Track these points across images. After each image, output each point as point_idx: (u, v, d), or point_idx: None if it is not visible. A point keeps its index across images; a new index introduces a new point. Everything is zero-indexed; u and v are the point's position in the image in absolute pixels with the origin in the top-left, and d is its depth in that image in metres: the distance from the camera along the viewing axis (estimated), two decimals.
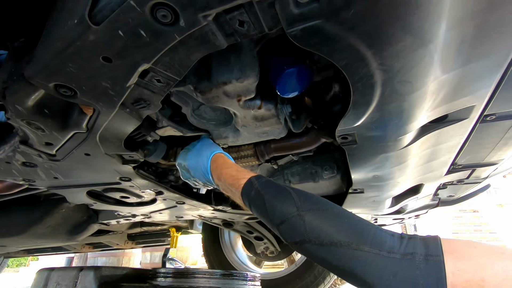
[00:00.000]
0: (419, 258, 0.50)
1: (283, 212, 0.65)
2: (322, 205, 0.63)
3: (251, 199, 0.72)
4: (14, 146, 0.82)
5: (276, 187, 0.71)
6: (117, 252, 5.04)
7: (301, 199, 0.65)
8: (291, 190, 0.68)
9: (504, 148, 0.95)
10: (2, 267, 3.40)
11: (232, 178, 0.79)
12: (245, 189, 0.74)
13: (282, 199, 0.66)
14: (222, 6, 0.45)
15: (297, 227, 0.61)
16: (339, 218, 0.60)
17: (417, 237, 0.55)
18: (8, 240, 1.72)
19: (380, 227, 0.59)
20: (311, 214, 0.61)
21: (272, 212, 0.67)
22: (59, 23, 0.53)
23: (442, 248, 0.50)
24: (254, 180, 0.74)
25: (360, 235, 0.56)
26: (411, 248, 0.52)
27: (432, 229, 7.50)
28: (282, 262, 3.33)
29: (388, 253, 0.52)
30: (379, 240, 0.54)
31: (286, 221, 0.63)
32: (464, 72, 0.58)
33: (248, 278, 1.55)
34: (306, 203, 0.64)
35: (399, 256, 0.51)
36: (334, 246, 0.56)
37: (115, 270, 1.42)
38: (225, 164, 0.85)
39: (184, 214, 1.64)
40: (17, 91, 0.65)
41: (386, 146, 0.78)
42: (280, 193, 0.68)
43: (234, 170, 0.82)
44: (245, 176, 0.76)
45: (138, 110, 0.72)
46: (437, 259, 0.49)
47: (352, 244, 0.55)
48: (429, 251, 0.50)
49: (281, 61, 0.71)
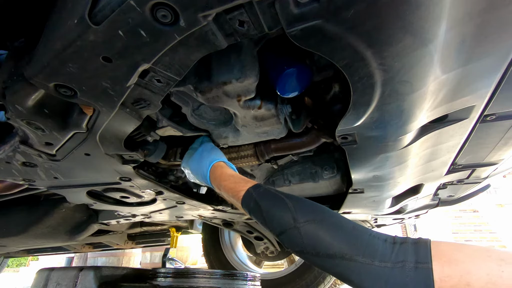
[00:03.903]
0: (409, 265, 0.53)
1: (280, 223, 0.68)
2: (318, 215, 0.66)
3: (251, 210, 0.75)
4: (14, 146, 0.82)
5: (272, 198, 0.73)
6: (117, 252, 5.04)
7: (297, 209, 0.67)
8: (288, 200, 0.70)
9: (504, 148, 0.95)
10: (2, 267, 3.40)
11: (231, 191, 0.81)
12: (244, 200, 0.77)
13: (279, 210, 0.69)
14: (222, 6, 0.45)
15: (295, 239, 0.65)
16: (333, 228, 0.63)
17: (408, 242, 0.57)
18: (8, 240, 1.73)
19: (374, 232, 0.62)
20: (307, 226, 0.64)
21: (271, 223, 0.70)
22: (59, 23, 0.53)
23: (431, 253, 0.53)
24: (252, 190, 0.77)
25: (353, 245, 0.59)
26: (401, 256, 0.55)
27: (432, 229, 7.50)
28: (282, 262, 3.32)
29: (380, 262, 0.55)
30: (371, 248, 0.58)
31: (284, 232, 0.67)
32: (464, 72, 0.58)
33: (248, 278, 1.55)
34: (302, 214, 0.66)
35: (390, 265, 0.55)
36: (330, 257, 0.60)
37: (115, 270, 1.42)
38: (223, 175, 0.87)
39: (184, 214, 1.64)
40: (17, 91, 0.65)
41: (386, 146, 0.78)
42: (276, 204, 0.71)
43: (232, 182, 0.83)
44: (243, 188, 0.78)
45: (138, 110, 0.72)
46: (426, 266, 0.52)
47: (346, 256, 0.58)
48: (419, 258, 0.53)
49: (281, 61, 0.71)
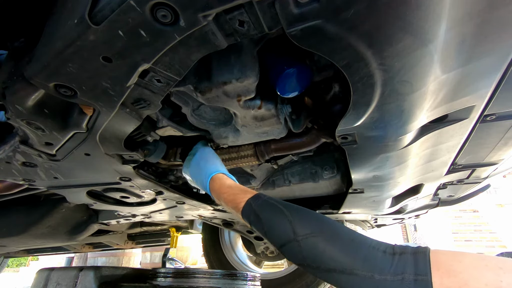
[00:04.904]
0: (408, 278, 0.53)
1: (280, 237, 0.69)
2: (316, 227, 0.67)
3: (252, 222, 0.75)
4: (14, 146, 0.82)
5: (271, 210, 0.73)
6: (117, 252, 5.04)
7: (295, 221, 0.68)
8: (287, 212, 0.70)
9: (504, 148, 0.95)
10: (2, 267, 3.40)
11: (231, 203, 0.81)
12: (244, 212, 0.77)
13: (278, 223, 0.70)
14: (222, 6, 0.45)
15: (295, 252, 0.66)
16: (332, 242, 0.64)
17: (408, 252, 0.57)
18: (8, 240, 1.73)
19: (373, 242, 0.62)
20: (307, 240, 0.65)
21: (271, 235, 0.71)
22: (59, 23, 0.53)
23: (431, 264, 0.53)
24: (251, 202, 0.77)
25: (352, 259, 0.60)
26: (401, 268, 0.55)
27: (432, 229, 7.50)
28: (282, 262, 3.33)
29: (379, 275, 0.56)
30: (371, 262, 0.58)
31: (284, 245, 0.68)
32: (464, 72, 0.58)
33: (248, 278, 1.54)
34: (301, 227, 0.67)
35: (390, 278, 0.55)
36: (329, 272, 0.61)
37: (115, 270, 1.42)
38: (222, 188, 0.86)
39: (184, 214, 1.64)
40: (17, 91, 0.65)
41: (386, 146, 0.78)
42: (275, 217, 0.71)
43: (231, 195, 0.82)
44: (243, 200, 0.78)
45: (138, 110, 0.72)
46: (425, 278, 0.52)
47: (346, 270, 0.59)
48: (418, 270, 0.54)
49: (281, 61, 0.71)
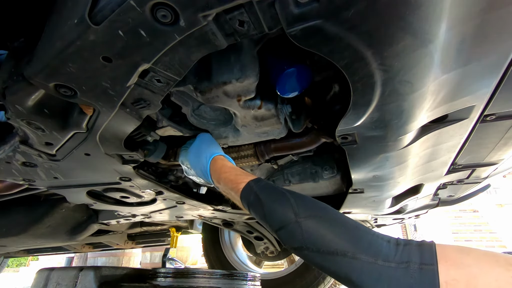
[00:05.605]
0: (413, 266, 0.50)
1: (281, 218, 0.65)
2: (319, 211, 0.64)
3: (250, 204, 0.72)
4: (14, 146, 0.82)
5: (274, 192, 0.71)
6: (117, 252, 5.04)
7: (298, 204, 0.65)
8: (290, 195, 0.68)
9: (504, 148, 0.95)
10: (2, 267, 3.40)
11: (231, 183, 0.78)
12: (244, 193, 0.74)
13: (280, 205, 0.67)
14: (222, 6, 0.45)
15: (295, 234, 0.62)
16: (336, 225, 0.61)
17: (412, 244, 0.55)
18: (8, 240, 1.72)
19: (376, 232, 0.59)
20: (309, 221, 0.62)
21: (271, 217, 0.67)
22: (59, 23, 0.53)
23: (437, 255, 0.50)
24: (252, 184, 0.74)
25: (356, 243, 0.56)
26: (406, 256, 0.52)
27: (432, 229, 7.50)
28: (282, 262, 3.33)
29: (384, 261, 0.52)
30: (375, 248, 0.55)
31: (284, 227, 0.64)
32: (464, 72, 0.58)
33: (248, 278, 1.55)
34: (304, 209, 0.64)
35: (394, 265, 0.52)
36: (331, 254, 0.57)
37: (115, 270, 1.42)
38: (224, 168, 0.84)
39: (184, 214, 1.64)
40: (17, 91, 0.65)
41: (386, 146, 0.78)
42: (278, 198, 0.68)
43: (232, 174, 0.81)
44: (244, 180, 0.76)
45: (138, 110, 0.72)
46: (431, 268, 0.49)
47: (348, 253, 0.55)
48: (424, 259, 0.50)
49: (281, 61, 0.71)
